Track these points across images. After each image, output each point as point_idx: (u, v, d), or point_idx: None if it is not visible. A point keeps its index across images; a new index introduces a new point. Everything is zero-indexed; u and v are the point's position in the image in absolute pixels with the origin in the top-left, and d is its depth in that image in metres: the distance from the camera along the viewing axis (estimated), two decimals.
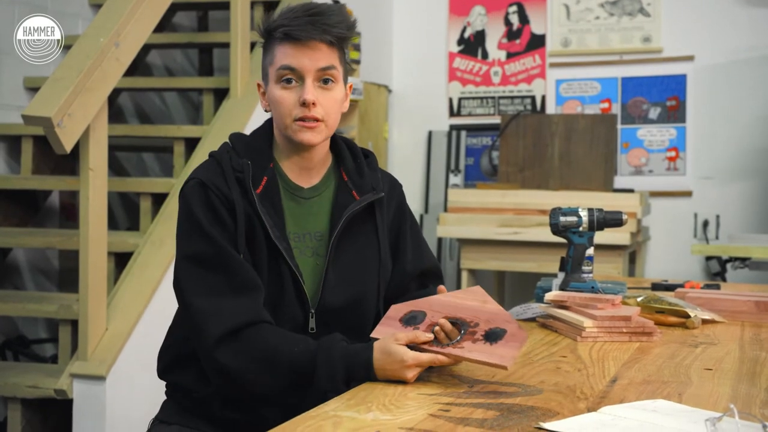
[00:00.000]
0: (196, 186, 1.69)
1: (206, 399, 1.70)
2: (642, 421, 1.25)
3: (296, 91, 1.69)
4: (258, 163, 1.72)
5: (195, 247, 1.66)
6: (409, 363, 1.49)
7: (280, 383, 1.58)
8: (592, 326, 1.89)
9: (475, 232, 4.52)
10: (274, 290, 1.68)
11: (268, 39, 1.74)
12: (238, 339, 1.58)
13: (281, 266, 1.68)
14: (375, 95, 5.16)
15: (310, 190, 1.77)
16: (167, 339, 1.82)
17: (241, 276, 1.63)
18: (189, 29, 4.94)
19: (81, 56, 2.85)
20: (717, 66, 4.91)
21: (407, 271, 1.84)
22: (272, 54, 1.72)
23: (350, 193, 1.77)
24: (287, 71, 1.69)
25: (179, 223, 1.71)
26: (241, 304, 1.61)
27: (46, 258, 3.90)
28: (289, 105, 1.69)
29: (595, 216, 2.24)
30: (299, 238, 1.73)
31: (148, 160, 4.64)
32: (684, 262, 4.83)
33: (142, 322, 3.09)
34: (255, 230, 1.67)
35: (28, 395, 3.03)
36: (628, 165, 5.08)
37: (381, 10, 5.44)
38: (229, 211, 1.67)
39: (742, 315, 2.25)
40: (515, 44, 5.34)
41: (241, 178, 1.69)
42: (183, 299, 1.67)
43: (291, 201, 1.75)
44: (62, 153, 2.78)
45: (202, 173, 1.71)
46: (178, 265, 1.69)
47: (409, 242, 1.85)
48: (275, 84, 1.71)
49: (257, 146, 1.76)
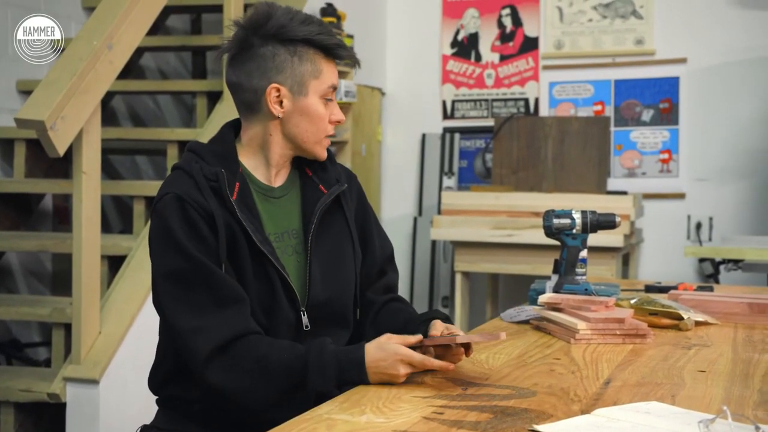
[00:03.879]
0: (172, 200, 1.64)
1: (207, 408, 1.69)
2: (635, 423, 1.26)
3: (329, 109, 1.75)
4: (228, 169, 1.70)
5: (173, 265, 1.63)
6: (402, 357, 1.49)
7: (274, 392, 1.57)
8: (585, 328, 1.90)
9: (468, 234, 4.51)
10: (265, 294, 1.68)
11: (303, 47, 1.70)
12: (227, 354, 1.58)
13: (268, 269, 1.68)
14: (368, 98, 5.16)
15: (279, 189, 1.78)
16: (157, 356, 1.79)
17: (223, 290, 1.61)
18: (182, 32, 4.94)
19: (74, 59, 2.84)
20: (710, 68, 4.92)
21: (376, 259, 1.88)
22: (317, 68, 1.72)
23: (317, 187, 1.80)
24: (333, 90, 1.75)
25: (153, 240, 1.67)
26: (226, 318, 1.59)
27: (40, 261, 3.89)
28: (326, 122, 1.75)
29: (588, 218, 2.24)
30: (279, 238, 1.74)
31: (141, 163, 4.63)
32: (677, 264, 4.84)
33: (136, 326, 3.09)
34: (236, 238, 1.66)
35: (21, 399, 3.02)
36: (622, 167, 5.09)
37: (374, 13, 5.44)
38: (208, 223, 1.64)
39: (736, 317, 2.25)
40: (508, 47, 5.34)
41: (216, 187, 1.67)
42: (167, 320, 1.66)
43: (265, 202, 1.75)
44: (55, 156, 2.77)
45: (175, 187, 1.66)
46: (157, 284, 1.65)
47: (374, 231, 1.89)
48: (318, 98, 1.73)
49: (223, 153, 1.73)
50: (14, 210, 3.78)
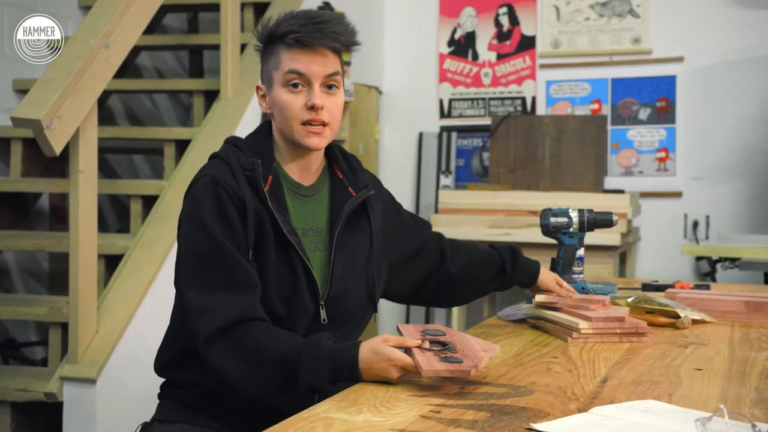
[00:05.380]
0: (207, 182, 1.71)
1: (212, 392, 1.72)
2: (632, 422, 1.26)
3: (303, 96, 1.75)
4: (263, 162, 1.76)
5: (196, 244, 1.68)
6: (396, 362, 1.50)
7: (268, 381, 1.59)
8: (587, 327, 1.89)
9: (466, 233, 4.51)
10: (288, 284, 1.72)
11: (271, 43, 1.78)
12: (228, 336, 1.61)
13: (293, 260, 1.72)
14: (366, 97, 5.15)
15: (310, 188, 1.83)
16: (167, 338, 1.84)
17: (237, 274, 1.65)
18: (179, 31, 4.93)
19: (70, 58, 2.84)
20: (707, 67, 4.92)
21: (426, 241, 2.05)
22: (278, 58, 1.76)
23: (346, 189, 1.85)
24: (295, 76, 1.74)
25: (183, 220, 1.73)
26: (234, 301, 1.63)
27: (36, 260, 3.89)
28: (296, 109, 1.74)
29: (585, 217, 2.24)
30: (304, 234, 1.78)
31: (138, 162, 4.63)
32: (674, 262, 4.84)
33: (133, 325, 3.08)
34: (264, 228, 1.70)
35: (18, 398, 3.01)
36: (618, 166, 5.09)
37: (372, 12, 5.44)
38: (238, 209, 1.69)
39: (732, 315, 2.25)
40: (505, 45, 5.35)
41: (251, 176, 1.73)
42: (181, 296, 1.70)
43: (294, 199, 1.80)
44: (52, 155, 2.77)
45: (213, 171, 1.73)
46: (179, 261, 1.71)
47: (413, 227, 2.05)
48: (282, 88, 1.75)
49: (259, 147, 1.80)
50: (11, 209, 3.77)
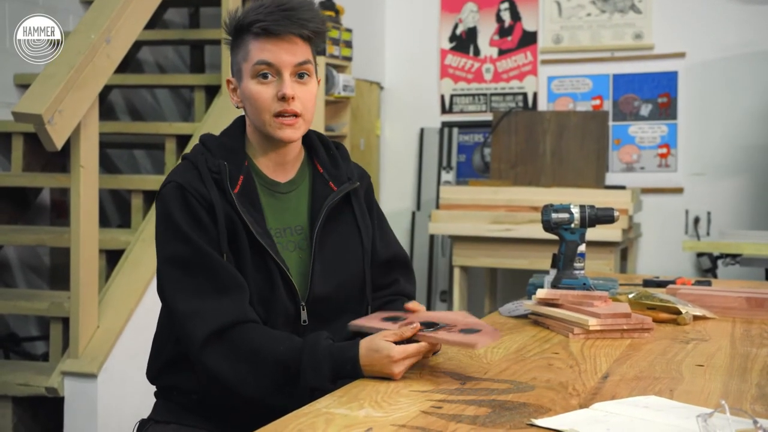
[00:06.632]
0: (173, 189, 1.68)
1: (205, 398, 1.70)
2: (634, 417, 1.26)
3: (273, 86, 1.69)
4: (233, 162, 1.72)
5: (174, 250, 1.65)
6: (396, 357, 1.49)
7: (267, 382, 1.58)
8: (596, 324, 1.88)
9: (467, 229, 4.52)
10: (264, 287, 1.68)
11: (239, 35, 1.72)
12: (222, 340, 1.59)
13: (268, 262, 1.68)
14: (367, 92, 5.15)
15: (287, 185, 1.78)
16: (155, 344, 1.80)
17: (222, 276, 1.62)
18: (180, 26, 4.93)
19: (72, 53, 2.84)
20: (708, 63, 4.92)
21: (374, 259, 1.85)
22: (246, 50, 1.71)
23: (327, 184, 1.79)
24: (264, 66, 1.68)
25: (158, 227, 1.70)
26: (224, 304, 1.60)
27: (37, 255, 3.89)
28: (266, 100, 1.69)
29: (586, 213, 2.24)
30: (280, 234, 1.74)
31: (139, 157, 4.62)
32: (675, 258, 4.84)
33: (134, 320, 3.09)
34: (236, 230, 1.67)
35: (19, 393, 3.02)
36: (620, 162, 5.09)
37: (373, 7, 5.43)
38: (208, 212, 1.66)
39: (733, 311, 2.25)
40: (507, 41, 5.34)
41: (218, 179, 1.69)
42: (167, 304, 1.68)
43: (269, 197, 1.75)
44: (53, 150, 2.77)
45: (178, 176, 1.70)
46: (160, 270, 1.68)
47: (376, 232, 1.87)
48: (251, 79, 1.70)
49: (230, 145, 1.75)
50: (12, 204, 3.77)
